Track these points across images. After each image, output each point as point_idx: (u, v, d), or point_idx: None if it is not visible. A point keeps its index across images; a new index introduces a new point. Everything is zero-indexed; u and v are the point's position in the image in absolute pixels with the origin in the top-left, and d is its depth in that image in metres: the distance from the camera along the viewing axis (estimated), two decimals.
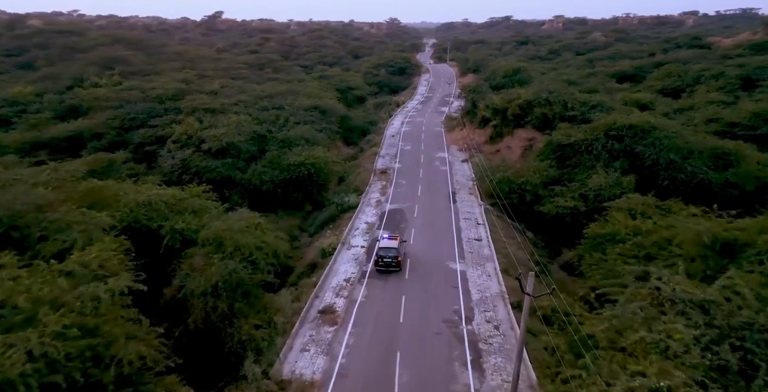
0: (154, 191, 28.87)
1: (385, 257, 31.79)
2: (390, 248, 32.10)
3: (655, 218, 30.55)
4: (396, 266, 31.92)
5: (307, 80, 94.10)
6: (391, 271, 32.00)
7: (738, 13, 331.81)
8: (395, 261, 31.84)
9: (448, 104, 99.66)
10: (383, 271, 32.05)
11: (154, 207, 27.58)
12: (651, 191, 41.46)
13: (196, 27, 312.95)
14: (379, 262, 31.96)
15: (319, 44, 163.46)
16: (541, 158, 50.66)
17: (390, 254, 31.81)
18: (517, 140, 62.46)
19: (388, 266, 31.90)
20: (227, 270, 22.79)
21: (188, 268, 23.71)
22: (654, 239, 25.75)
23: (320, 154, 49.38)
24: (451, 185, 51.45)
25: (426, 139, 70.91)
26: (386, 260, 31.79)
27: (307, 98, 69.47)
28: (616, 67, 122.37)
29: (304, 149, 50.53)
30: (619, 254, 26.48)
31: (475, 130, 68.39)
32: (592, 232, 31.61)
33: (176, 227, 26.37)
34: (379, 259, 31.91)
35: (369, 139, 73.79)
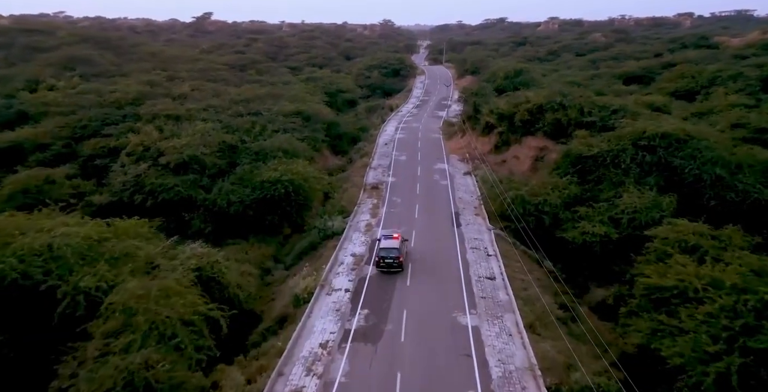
0: (61, 230, 21.28)
1: (386, 257, 30.82)
2: (391, 248, 31.05)
3: (730, 259, 23.27)
4: (398, 267, 31.00)
5: (293, 82, 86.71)
6: (393, 272, 30.99)
7: (733, 14, 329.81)
8: (397, 262, 30.85)
9: (446, 107, 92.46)
10: (385, 272, 31.06)
11: (57, 254, 20.02)
12: (694, 213, 34.41)
13: (184, 28, 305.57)
14: (380, 263, 31.03)
15: (309, 45, 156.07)
16: (558, 171, 43.44)
17: (391, 254, 30.82)
18: (526, 149, 55.27)
19: (390, 267, 30.99)
20: (129, 368, 15.24)
21: (79, 359, 16.14)
22: (752, 303, 18.40)
23: (300, 168, 41.92)
24: (453, 204, 44.09)
25: (423, 148, 63.59)
26: (388, 261, 30.84)
27: (290, 103, 62.06)
28: (622, 68, 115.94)
29: (281, 162, 43.08)
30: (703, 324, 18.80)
31: (478, 137, 61.18)
32: (646, 282, 24.19)
33: (80, 286, 18.82)
34: (380, 260, 30.95)
35: (360, 147, 66.39)
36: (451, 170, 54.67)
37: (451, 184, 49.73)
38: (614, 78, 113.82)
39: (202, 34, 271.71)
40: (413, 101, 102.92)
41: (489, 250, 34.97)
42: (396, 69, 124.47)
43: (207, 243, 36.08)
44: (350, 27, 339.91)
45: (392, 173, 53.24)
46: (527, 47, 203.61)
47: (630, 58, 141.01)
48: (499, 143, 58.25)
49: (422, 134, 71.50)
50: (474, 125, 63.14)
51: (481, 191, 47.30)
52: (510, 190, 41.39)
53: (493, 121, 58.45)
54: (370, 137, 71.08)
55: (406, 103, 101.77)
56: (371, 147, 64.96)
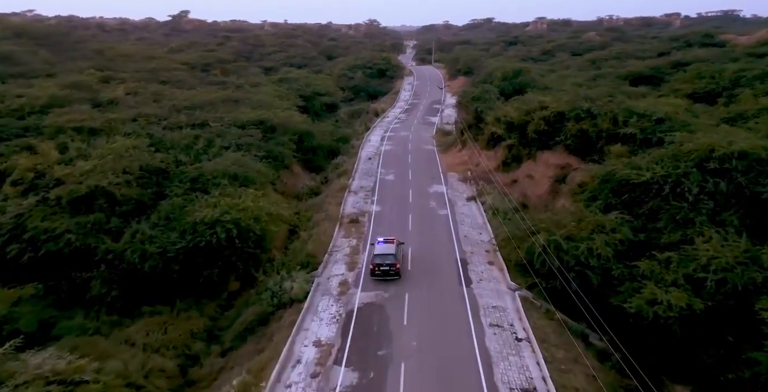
0: None
1: (381, 264, 28.35)
2: (387, 254, 28.56)
3: None
4: (395, 275, 28.42)
5: (263, 84, 75.14)
6: (389, 280, 28.27)
7: (719, 14, 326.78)
8: (393, 269, 28.36)
9: (438, 112, 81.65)
10: (381, 280, 28.29)
11: None
12: None
13: (159, 27, 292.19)
14: (375, 271, 28.45)
15: (287, 44, 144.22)
16: (596, 203, 32.62)
17: (387, 261, 28.34)
18: (543, 166, 44.52)
19: (386, 275, 28.45)
20: None
21: None
22: None
23: (251, 203, 30.54)
24: (457, 246, 33.05)
25: (414, 163, 52.53)
26: (383, 269, 28.35)
27: (252, 109, 50.60)
28: (628, 68, 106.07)
29: (226, 193, 31.73)
30: None
31: (482, 151, 50.25)
32: None
33: None
34: (376, 267, 28.44)
35: (338, 163, 55.11)
36: (450, 194, 43.66)
37: (453, 215, 38.71)
38: (619, 79, 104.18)
39: (178, 33, 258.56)
40: (401, 105, 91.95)
41: (518, 330, 23.93)
42: (382, 69, 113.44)
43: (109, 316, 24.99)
44: (335, 27, 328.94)
45: (377, 199, 42.07)
46: (519, 47, 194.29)
47: (632, 57, 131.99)
48: (509, 159, 47.43)
49: (413, 145, 60.47)
50: (476, 136, 52.29)
51: (492, 225, 36.37)
52: (538, 229, 30.47)
53: (500, 131, 47.62)
54: (352, 150, 59.83)
55: (394, 107, 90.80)
56: (352, 162, 53.74)
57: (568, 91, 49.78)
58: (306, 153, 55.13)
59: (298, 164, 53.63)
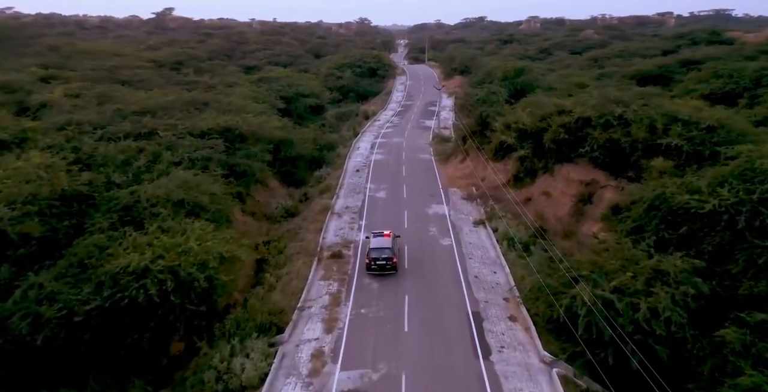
0: None
1: (378, 258, 27.13)
2: (383, 248, 27.39)
3: None
4: (391, 269, 27.22)
5: (239, 84, 67.48)
6: (386, 274, 26.93)
7: (711, 14, 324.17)
8: (390, 264, 27.14)
9: (434, 115, 74.39)
10: (377, 275, 27.02)
11: None
12: None
13: (142, 25, 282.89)
14: (371, 265, 27.24)
15: (273, 41, 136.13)
16: (644, 233, 25.47)
17: (383, 255, 27.14)
18: (563, 182, 37.35)
19: (383, 269, 27.22)
20: None
21: None
22: None
23: (194, 243, 22.91)
24: (467, 293, 25.70)
25: (410, 177, 45.15)
26: (380, 263, 27.12)
27: (219, 114, 42.96)
28: (634, 67, 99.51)
29: (168, 226, 24.18)
30: None
31: (489, 162, 42.88)
32: None
33: None
34: (372, 262, 27.21)
35: (321, 175, 47.62)
36: (454, 216, 36.29)
37: (458, 246, 31.35)
38: (625, 78, 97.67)
39: (162, 32, 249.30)
40: (393, 107, 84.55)
41: None
42: (372, 68, 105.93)
43: None
44: (325, 25, 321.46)
45: (365, 225, 34.60)
46: (515, 45, 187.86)
47: (636, 56, 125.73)
48: (521, 173, 40.13)
49: (407, 154, 53.07)
50: (481, 144, 44.91)
51: (508, 260, 29.08)
52: (573, 268, 23.18)
53: (510, 140, 40.31)
54: (337, 159, 52.30)
55: (385, 109, 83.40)
56: (337, 175, 46.26)
57: (593, 93, 42.41)
58: (284, 164, 47.61)
59: (274, 178, 46.12)
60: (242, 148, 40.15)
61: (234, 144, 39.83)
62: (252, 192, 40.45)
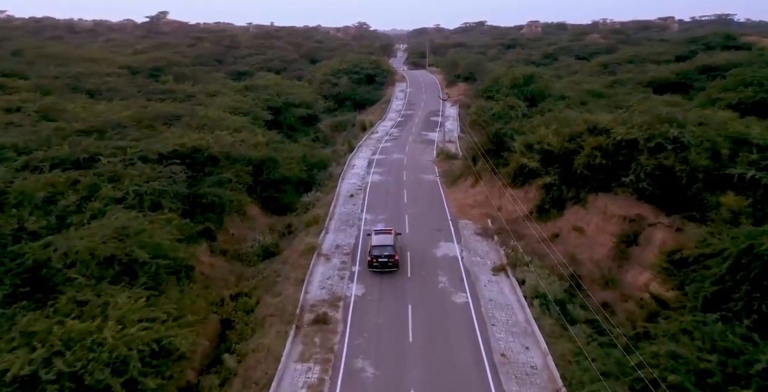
0: None
1: (380, 256, 26.98)
2: (385, 245, 27.26)
3: None
4: (393, 267, 27.17)
5: (222, 94, 60.97)
6: (386, 272, 26.94)
7: (713, 18, 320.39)
8: (392, 261, 27.00)
9: (437, 127, 67.97)
10: (379, 272, 27.02)
11: None
12: None
13: (135, 29, 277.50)
14: (373, 262, 27.08)
15: (266, 46, 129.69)
16: (737, 303, 18.90)
17: (385, 252, 26.99)
18: (599, 216, 30.79)
19: (384, 267, 27.08)
20: None
21: None
22: None
23: (112, 332, 16.15)
24: (494, 384, 19.01)
25: (412, 204, 38.48)
26: (381, 260, 26.97)
27: (188, 132, 36.38)
28: (649, 74, 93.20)
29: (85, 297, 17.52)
30: None
31: (506, 187, 36.19)
32: None
33: None
34: (373, 259, 27.06)
35: (310, 201, 40.93)
36: (467, 259, 29.60)
37: (475, 304, 24.65)
38: (640, 86, 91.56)
39: (155, 35, 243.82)
40: (393, 117, 78.02)
41: None
42: (370, 74, 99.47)
43: None
44: (323, 29, 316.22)
45: (358, 272, 27.91)
46: (518, 50, 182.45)
47: (647, 61, 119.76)
48: (546, 203, 33.47)
49: (409, 174, 46.45)
50: (497, 165, 38.20)
51: (543, 329, 22.42)
52: (661, 381, 16.52)
53: (533, 164, 33.63)
54: (329, 181, 45.68)
55: (384, 119, 76.89)
56: (328, 201, 39.59)
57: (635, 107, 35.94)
58: (267, 188, 40.99)
59: (255, 204, 39.53)
60: (214, 172, 33.52)
61: (204, 169, 33.21)
62: (226, 224, 33.91)
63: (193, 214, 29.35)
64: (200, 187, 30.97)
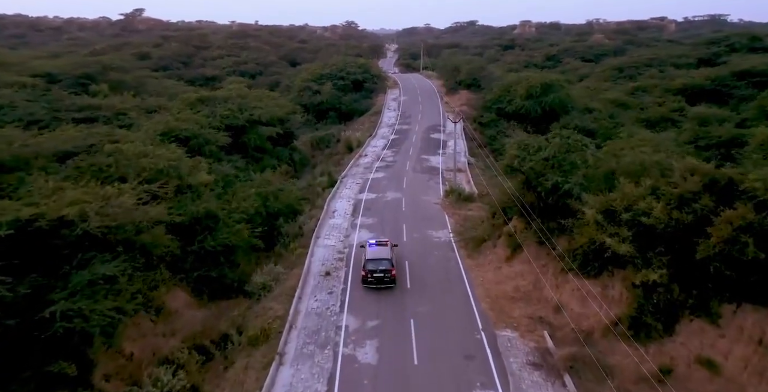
0: None
1: (375, 271, 25.05)
2: (381, 259, 25.26)
3: None
4: (390, 283, 25.21)
5: (166, 109, 47.37)
6: (383, 288, 24.94)
7: (706, 19, 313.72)
8: (389, 276, 25.10)
9: (440, 147, 55.02)
10: (374, 288, 25.04)
11: None
12: None
13: (108, 27, 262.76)
14: (368, 278, 25.24)
15: (240, 46, 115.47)
16: None
17: (381, 266, 25.09)
18: (747, 344, 17.90)
19: (380, 283, 25.18)
20: None
21: None
22: None
23: None
24: None
25: (419, 292, 25.07)
26: (377, 275, 25.04)
27: (70, 187, 22.74)
28: (679, 81, 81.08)
29: None
30: None
31: (570, 274, 22.99)
32: None
33: None
34: (368, 274, 25.14)
35: (265, 283, 27.27)
36: None
37: None
38: (669, 93, 79.52)
39: (129, 34, 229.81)
40: (385, 133, 64.69)
41: None
42: (358, 80, 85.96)
43: None
44: (310, 29, 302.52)
45: None
46: (517, 51, 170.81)
47: (666, 64, 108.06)
48: (645, 312, 20.24)
49: (410, 228, 33.08)
50: (550, 228, 24.74)
51: None
52: None
53: (621, 248, 20.42)
54: (298, 246, 32.19)
55: (374, 136, 63.60)
56: (291, 286, 26.11)
57: None
58: (202, 260, 27.47)
59: (181, 288, 26.20)
60: (92, 262, 19.97)
61: (72, 259, 19.67)
62: (119, 337, 20.50)
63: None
64: (57, 294, 17.44)
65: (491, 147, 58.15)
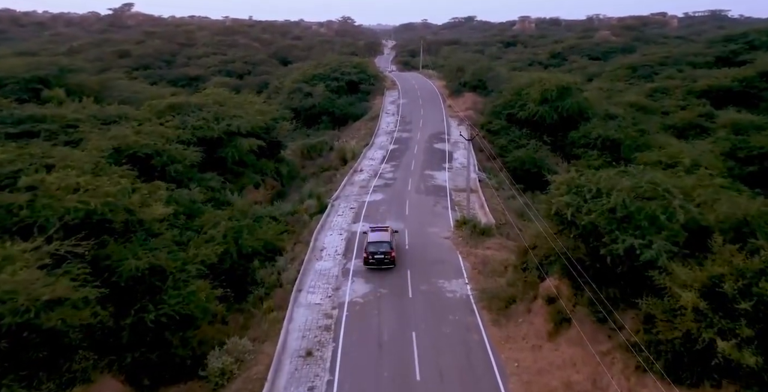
0: None
1: (376, 253, 26.94)
2: (381, 242, 27.22)
3: None
4: (390, 264, 27.07)
5: (125, 120, 40.46)
6: (383, 269, 26.75)
7: (707, 14, 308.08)
8: (388, 258, 26.94)
9: (446, 160, 48.26)
10: (375, 269, 26.85)
11: None
12: None
13: (96, 22, 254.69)
14: (369, 259, 27.06)
15: (228, 43, 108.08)
16: None
17: (381, 249, 26.96)
18: None
19: (380, 264, 27.02)
20: None
21: None
22: None
23: None
24: None
25: (431, 375, 18.47)
26: (378, 257, 26.92)
27: None
28: (704, 81, 74.45)
29: None
30: None
31: (652, 378, 16.28)
32: None
33: None
34: (369, 256, 27.03)
35: (221, 368, 20.44)
36: None
37: None
38: (692, 96, 72.99)
39: (117, 29, 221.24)
40: (383, 143, 57.75)
41: None
42: (353, 81, 78.85)
43: None
44: (305, 24, 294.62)
45: None
46: (519, 48, 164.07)
47: (681, 63, 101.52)
48: None
49: (416, 274, 26.28)
50: (612, 298, 18.20)
51: None
52: None
53: (735, 354, 13.82)
54: (275, 291, 25.43)
55: (371, 145, 56.70)
56: (258, 371, 19.40)
57: None
58: (144, 335, 20.60)
59: (113, 377, 19.44)
60: None
61: None
62: None
63: None
64: None
65: (504, 159, 51.49)
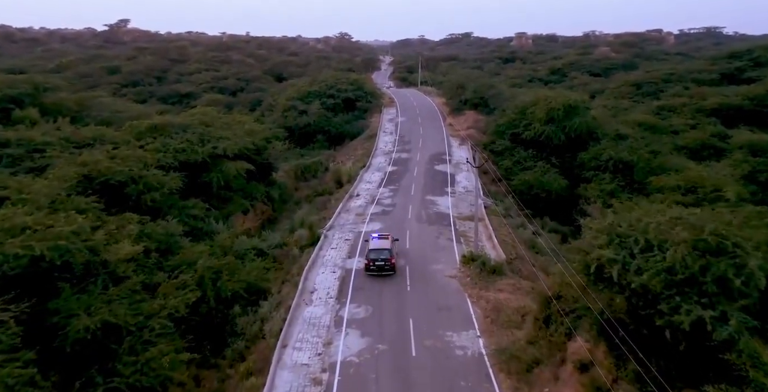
0: None
1: (377, 259, 27.80)
2: (382, 249, 28.20)
3: None
4: (390, 270, 27.81)
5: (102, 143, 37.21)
6: (384, 275, 27.63)
7: (702, 31, 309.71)
8: (389, 264, 27.71)
9: (448, 185, 45.00)
10: (376, 275, 27.67)
11: None
12: None
13: (91, 38, 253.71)
14: (370, 266, 27.94)
15: (221, 59, 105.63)
16: None
17: (382, 256, 27.86)
18: None
19: (381, 270, 27.80)
20: None
21: None
22: None
23: None
24: None
25: None
26: (378, 264, 27.76)
27: None
28: (713, 100, 71.91)
29: None
30: None
31: None
32: None
33: None
34: (371, 262, 27.90)
35: None
36: None
37: None
38: (702, 114, 70.42)
39: (113, 45, 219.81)
40: (381, 164, 54.56)
41: None
42: (350, 98, 76.11)
43: None
44: (302, 40, 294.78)
45: None
46: (518, 64, 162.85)
47: (685, 80, 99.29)
48: None
49: (419, 319, 22.81)
50: (633, 345, 14.92)
51: None
52: None
53: None
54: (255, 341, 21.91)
55: (368, 167, 53.53)
56: None
57: None
58: None
59: None
60: None
61: None
62: None
63: None
64: None
65: (510, 182, 48.33)
